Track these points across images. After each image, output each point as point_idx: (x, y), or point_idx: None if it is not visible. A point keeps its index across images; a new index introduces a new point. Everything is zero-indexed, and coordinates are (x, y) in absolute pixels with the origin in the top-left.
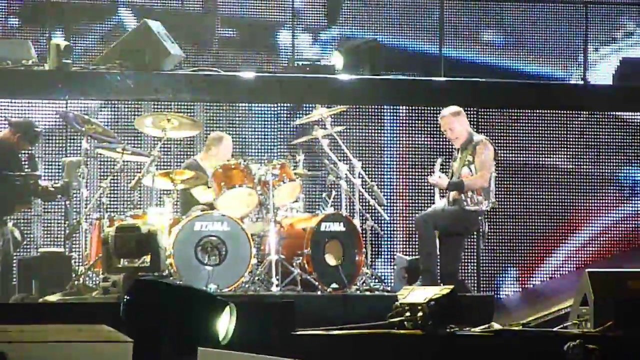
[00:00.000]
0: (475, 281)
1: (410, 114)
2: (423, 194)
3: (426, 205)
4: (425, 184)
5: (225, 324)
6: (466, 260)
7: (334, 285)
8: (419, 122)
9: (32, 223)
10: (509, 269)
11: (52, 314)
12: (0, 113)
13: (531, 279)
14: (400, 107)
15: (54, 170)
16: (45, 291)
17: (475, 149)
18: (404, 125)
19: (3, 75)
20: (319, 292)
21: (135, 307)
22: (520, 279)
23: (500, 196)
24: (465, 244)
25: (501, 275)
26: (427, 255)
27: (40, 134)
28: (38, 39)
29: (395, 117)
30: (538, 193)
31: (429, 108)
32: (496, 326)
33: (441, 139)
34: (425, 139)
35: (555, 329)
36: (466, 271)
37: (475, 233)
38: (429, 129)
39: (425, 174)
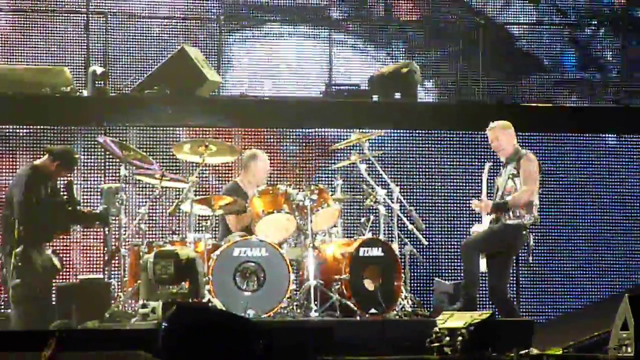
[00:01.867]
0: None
1: (448, 138)
2: (461, 218)
3: (465, 229)
4: (464, 207)
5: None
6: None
7: (373, 311)
8: (457, 145)
9: (71, 250)
10: (549, 292)
11: (92, 341)
12: (40, 140)
13: (573, 302)
14: (438, 131)
15: (92, 197)
16: (84, 318)
17: (520, 163)
18: (442, 149)
19: (42, 102)
20: (357, 318)
21: (174, 334)
22: (561, 302)
23: (543, 217)
24: (512, 262)
25: (542, 299)
26: (470, 281)
27: (78, 161)
28: (76, 65)
29: (433, 141)
30: (583, 216)
31: (466, 132)
32: (535, 351)
33: (478, 163)
34: (463, 163)
35: (595, 355)
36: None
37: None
38: (466, 152)
39: (464, 197)
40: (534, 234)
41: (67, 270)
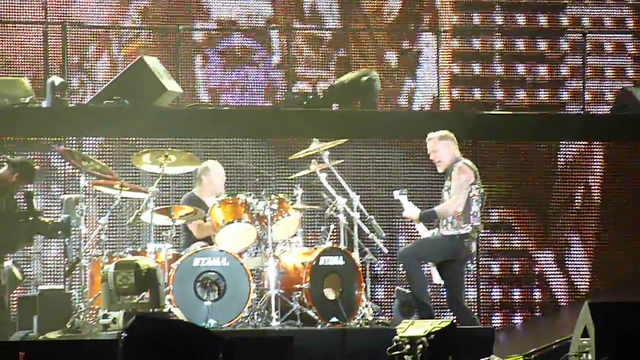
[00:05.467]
0: (475, 312)
1: (409, 146)
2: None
3: None
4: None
5: None
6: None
7: (334, 320)
8: (417, 153)
9: (31, 261)
10: (510, 299)
11: (53, 352)
12: None
13: (533, 309)
14: (399, 140)
15: (53, 208)
16: (45, 329)
17: (452, 174)
18: (402, 157)
19: (1, 113)
20: (318, 327)
21: (134, 344)
22: (522, 309)
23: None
24: (464, 270)
25: (502, 306)
26: (418, 289)
27: (38, 171)
28: (35, 76)
29: (393, 149)
30: (540, 223)
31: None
32: (496, 359)
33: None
34: (422, 171)
35: None
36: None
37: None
38: (426, 160)
39: (424, 205)
40: (482, 240)
41: (28, 280)
